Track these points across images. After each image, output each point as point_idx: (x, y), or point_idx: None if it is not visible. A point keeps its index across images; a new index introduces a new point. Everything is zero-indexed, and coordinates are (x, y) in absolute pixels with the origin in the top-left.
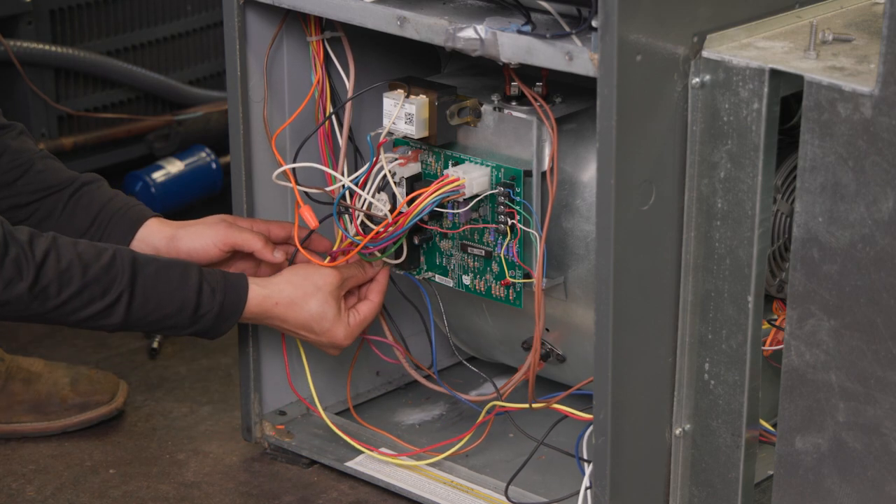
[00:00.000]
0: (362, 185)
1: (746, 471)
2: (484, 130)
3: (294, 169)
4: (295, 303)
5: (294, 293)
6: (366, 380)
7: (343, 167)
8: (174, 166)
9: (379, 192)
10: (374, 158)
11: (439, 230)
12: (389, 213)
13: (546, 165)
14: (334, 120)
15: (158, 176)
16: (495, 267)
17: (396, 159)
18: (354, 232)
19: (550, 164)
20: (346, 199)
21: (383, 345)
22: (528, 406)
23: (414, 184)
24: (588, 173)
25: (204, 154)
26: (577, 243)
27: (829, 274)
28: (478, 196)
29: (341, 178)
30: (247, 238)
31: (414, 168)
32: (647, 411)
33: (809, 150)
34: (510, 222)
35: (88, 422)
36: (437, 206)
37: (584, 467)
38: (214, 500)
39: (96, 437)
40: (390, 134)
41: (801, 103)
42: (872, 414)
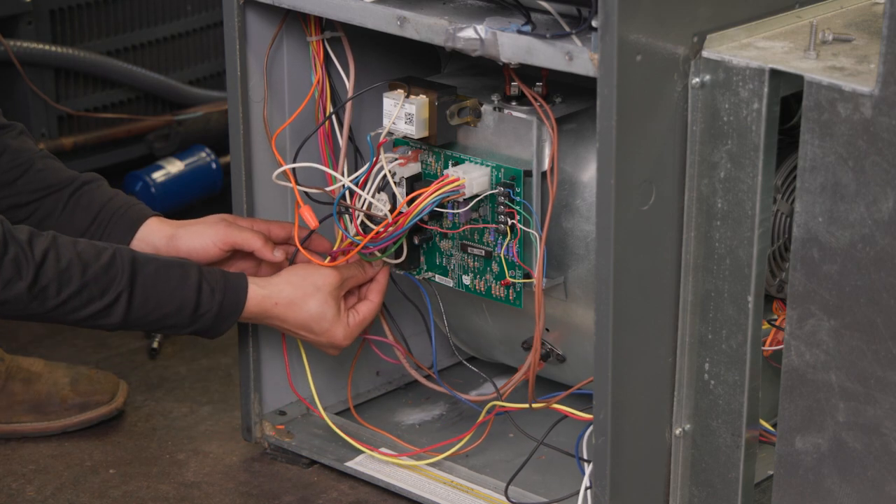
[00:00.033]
0: (362, 185)
1: (746, 471)
2: (484, 130)
3: (294, 169)
4: (294, 303)
5: (293, 293)
6: (366, 380)
7: (343, 167)
8: (174, 166)
9: (379, 192)
10: (374, 158)
11: (439, 230)
12: (389, 213)
13: (546, 165)
14: (334, 120)
15: (158, 176)
16: (495, 267)
17: (396, 159)
18: (354, 232)
19: (550, 164)
20: (346, 199)
21: (384, 344)
22: (528, 406)
23: (414, 184)
24: (588, 173)
25: (204, 154)
26: (577, 243)
27: (829, 274)
28: (478, 196)
29: (341, 178)
30: (246, 237)
31: (414, 168)
32: (647, 411)
33: (809, 150)
34: (510, 222)
35: (88, 422)
36: (437, 206)
37: (584, 467)
38: (214, 500)
39: (96, 437)
40: (390, 134)
41: (801, 103)
42: (872, 414)
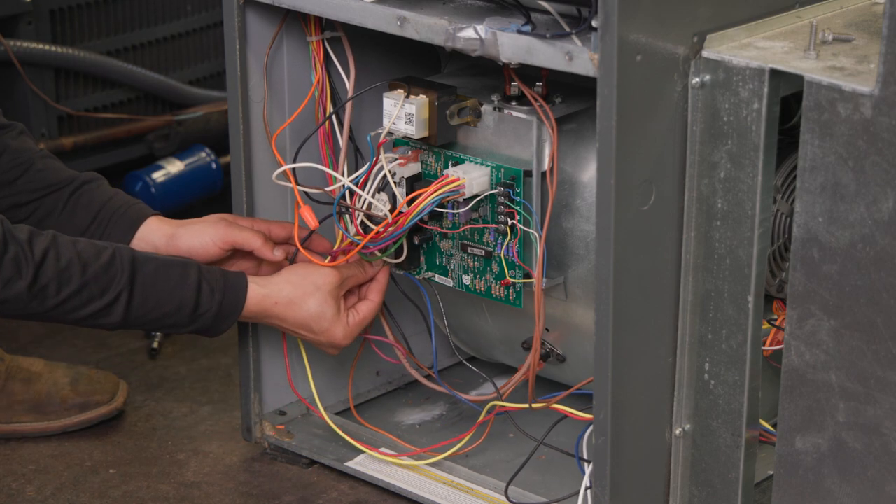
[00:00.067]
0: (362, 186)
1: (746, 471)
2: (484, 130)
3: (294, 169)
4: (294, 302)
5: (293, 292)
6: (366, 380)
7: (343, 167)
8: (174, 166)
9: (379, 192)
10: (374, 158)
11: (439, 230)
12: (389, 213)
13: (546, 165)
14: (334, 120)
15: (158, 176)
16: (495, 267)
17: (396, 159)
18: (354, 232)
19: (550, 164)
20: (346, 199)
21: (384, 344)
22: (528, 406)
23: (414, 184)
24: (588, 173)
25: (204, 154)
26: (577, 243)
27: (829, 274)
28: (478, 196)
29: (341, 178)
30: (246, 236)
31: (414, 168)
32: (647, 411)
33: (809, 150)
34: (510, 222)
35: (88, 422)
36: (437, 206)
37: (584, 467)
38: (214, 500)
39: (96, 437)
40: (390, 134)
41: (801, 103)
42: (872, 414)
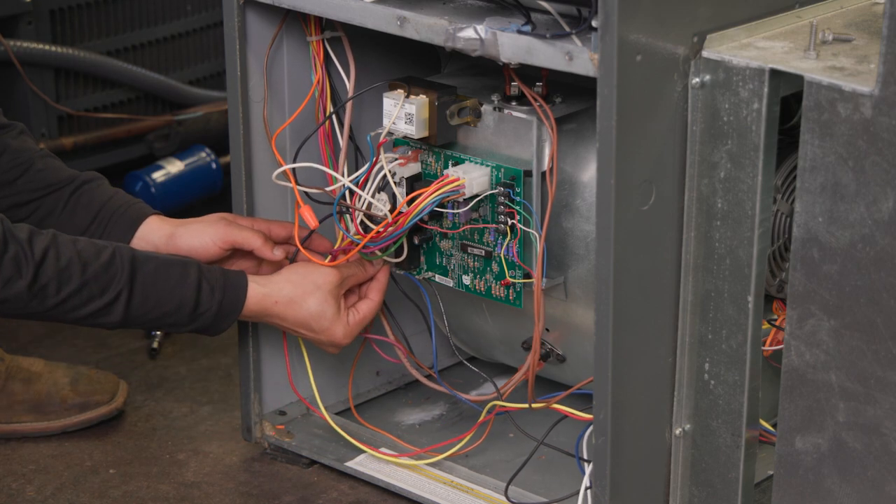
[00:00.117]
0: (362, 185)
1: (746, 471)
2: (484, 130)
3: (294, 169)
4: (294, 301)
5: (293, 292)
6: (366, 380)
7: (343, 167)
8: (174, 166)
9: (379, 192)
10: (374, 158)
11: (439, 230)
12: (389, 213)
13: (546, 165)
14: (334, 120)
15: (158, 176)
16: (495, 267)
17: (396, 159)
18: (354, 231)
19: (550, 164)
20: (346, 198)
21: (384, 344)
22: (528, 406)
23: (414, 184)
24: (588, 173)
25: (204, 154)
26: (577, 243)
27: (829, 274)
28: (478, 196)
29: (341, 178)
30: (246, 236)
31: (414, 168)
32: (647, 411)
33: (809, 150)
34: (510, 222)
35: (88, 422)
36: (437, 206)
37: (584, 467)
38: (214, 500)
39: (96, 437)
40: (390, 134)
41: (801, 103)
42: (872, 414)
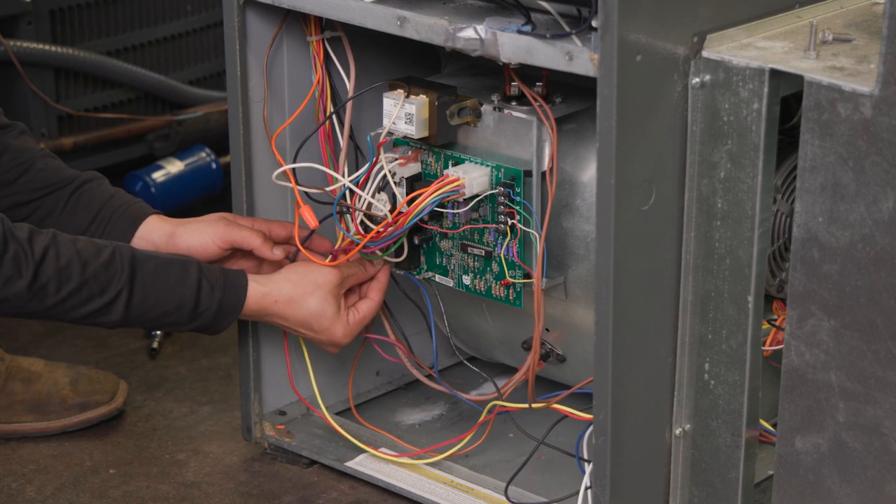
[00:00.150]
0: (362, 185)
1: (746, 471)
2: (484, 130)
3: (294, 169)
4: (294, 300)
5: (293, 291)
6: (366, 379)
7: (343, 167)
8: (174, 166)
9: (379, 192)
10: (374, 158)
11: (439, 230)
12: (389, 213)
13: (546, 165)
14: (334, 120)
15: (158, 176)
16: (495, 267)
17: (396, 159)
18: (354, 231)
19: (550, 164)
20: (347, 198)
21: (385, 343)
22: (528, 406)
23: (414, 184)
24: (588, 173)
25: (204, 154)
26: (577, 243)
27: (829, 274)
28: (478, 196)
29: (341, 178)
30: (245, 235)
31: (414, 168)
32: (647, 411)
33: (809, 150)
34: (510, 222)
35: (88, 422)
36: (437, 206)
37: (584, 467)
38: (214, 500)
39: (96, 437)
40: (390, 134)
41: (801, 103)
42: (872, 414)
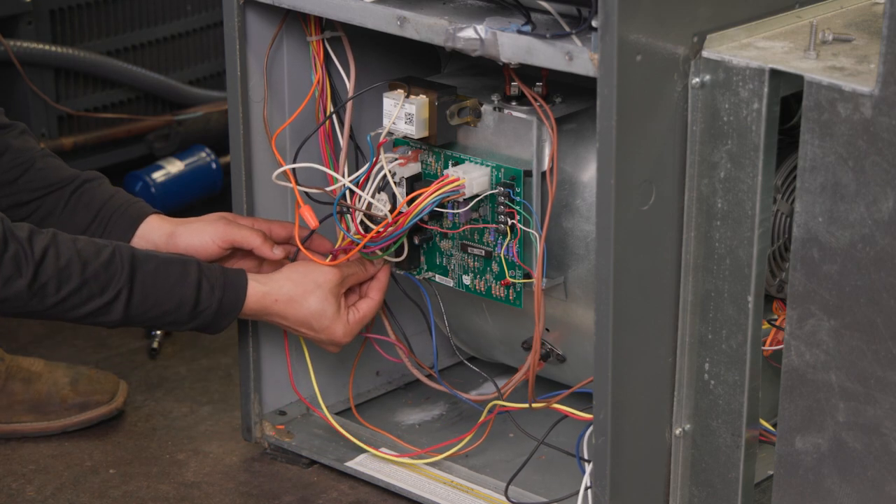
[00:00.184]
0: (362, 185)
1: (746, 471)
2: (484, 130)
3: (294, 169)
4: (294, 300)
5: (293, 290)
6: (366, 379)
7: (343, 167)
8: (174, 166)
9: (379, 192)
10: (374, 158)
11: (439, 230)
12: (389, 213)
13: (546, 165)
14: (335, 120)
15: (158, 176)
16: (495, 267)
17: (396, 159)
18: (355, 231)
19: (550, 164)
20: (347, 198)
21: (385, 343)
22: (529, 406)
23: (414, 184)
24: (588, 173)
25: (204, 154)
26: (577, 243)
27: (829, 274)
28: (478, 196)
29: (341, 178)
30: (245, 235)
31: (414, 168)
32: (647, 411)
33: (809, 150)
34: (510, 222)
35: (88, 422)
36: (437, 206)
37: (584, 467)
38: (214, 500)
39: (96, 437)
40: (390, 134)
41: (801, 103)
42: (872, 414)
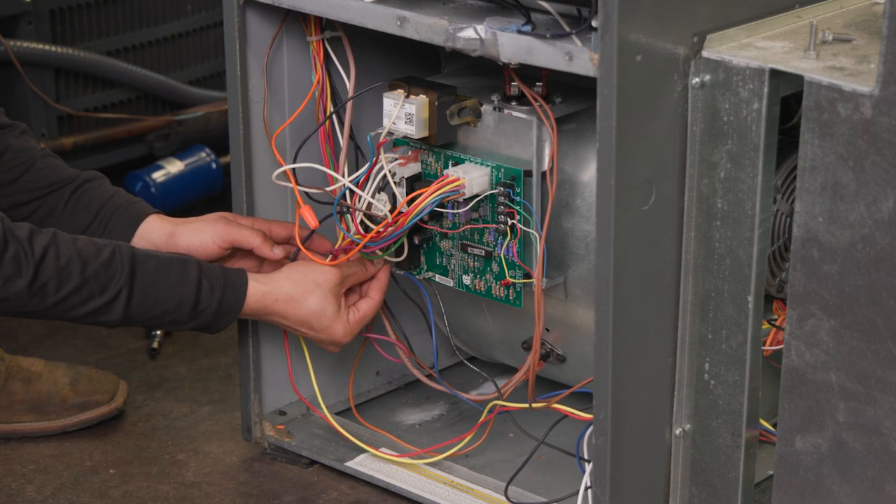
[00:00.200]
0: (362, 185)
1: (746, 471)
2: (484, 130)
3: (294, 169)
4: (294, 299)
5: (293, 290)
6: (366, 379)
7: (343, 167)
8: (174, 166)
9: (379, 192)
10: (374, 158)
11: (439, 230)
12: (389, 213)
13: (546, 165)
14: (335, 120)
15: (158, 176)
16: (495, 267)
17: (396, 159)
18: (355, 231)
19: (550, 164)
20: (347, 198)
21: (385, 343)
22: (529, 406)
23: (414, 184)
24: (588, 173)
25: (204, 154)
26: (577, 243)
27: (829, 274)
28: (478, 196)
29: (341, 178)
30: (245, 234)
31: (414, 168)
32: (647, 411)
33: (809, 150)
34: (510, 222)
35: (88, 422)
36: (437, 206)
37: (584, 467)
38: (214, 500)
39: (96, 437)
40: (390, 134)
41: (801, 103)
42: (872, 414)
